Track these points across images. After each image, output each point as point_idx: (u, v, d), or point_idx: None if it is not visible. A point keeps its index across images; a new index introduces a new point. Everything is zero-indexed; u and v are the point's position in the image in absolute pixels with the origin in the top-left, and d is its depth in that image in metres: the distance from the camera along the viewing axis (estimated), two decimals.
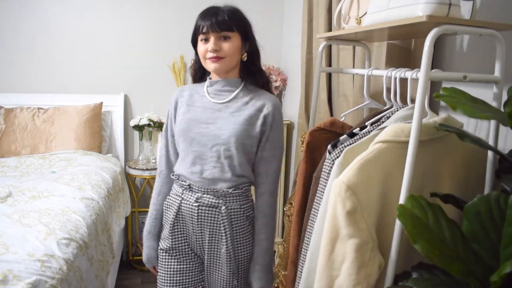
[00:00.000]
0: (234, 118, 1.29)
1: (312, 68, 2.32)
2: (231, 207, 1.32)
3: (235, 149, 1.27)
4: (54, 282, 1.31)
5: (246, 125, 1.28)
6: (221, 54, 1.25)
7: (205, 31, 1.25)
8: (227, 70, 1.31)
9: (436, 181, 1.09)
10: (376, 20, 1.18)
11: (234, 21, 1.26)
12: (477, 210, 0.76)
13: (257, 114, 1.30)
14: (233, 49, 1.27)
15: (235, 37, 1.27)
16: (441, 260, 0.73)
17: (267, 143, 1.32)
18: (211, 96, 1.34)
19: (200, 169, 1.30)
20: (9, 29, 2.79)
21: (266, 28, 3.05)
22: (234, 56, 1.28)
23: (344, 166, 1.04)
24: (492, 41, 1.03)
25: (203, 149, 1.30)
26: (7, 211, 1.70)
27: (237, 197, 1.33)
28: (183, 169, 1.34)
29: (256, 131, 1.30)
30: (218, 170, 1.29)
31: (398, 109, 1.25)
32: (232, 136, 1.26)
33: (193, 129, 1.31)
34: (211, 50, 1.25)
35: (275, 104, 1.32)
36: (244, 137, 1.28)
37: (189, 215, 1.34)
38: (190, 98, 1.37)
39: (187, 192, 1.33)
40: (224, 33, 1.24)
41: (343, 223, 0.96)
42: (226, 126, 1.28)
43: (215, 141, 1.28)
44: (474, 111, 0.75)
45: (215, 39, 1.25)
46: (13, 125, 2.63)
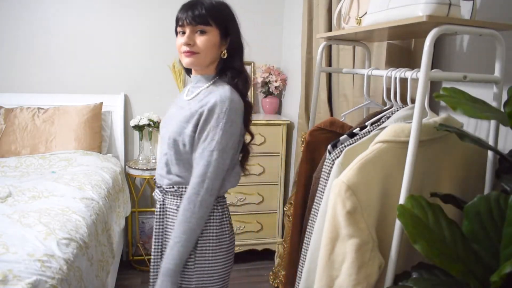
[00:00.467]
0: (179, 115, 1.24)
1: (312, 68, 2.32)
2: (168, 205, 1.29)
3: (169, 146, 1.23)
4: (54, 282, 1.31)
5: (183, 122, 1.20)
6: (195, 49, 1.19)
7: (181, 23, 1.20)
8: (202, 66, 1.23)
9: (436, 181, 1.09)
10: (376, 20, 1.18)
11: (212, 15, 1.18)
12: (477, 210, 0.76)
13: (198, 110, 1.19)
14: (208, 44, 1.18)
15: (212, 31, 1.19)
16: (441, 260, 0.73)
17: (200, 142, 1.17)
18: (186, 93, 1.32)
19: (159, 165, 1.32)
20: (9, 29, 2.79)
21: (266, 28, 3.05)
22: (210, 52, 1.20)
23: (344, 166, 1.04)
24: (492, 41, 1.03)
25: (164, 146, 1.29)
26: (7, 211, 1.70)
27: (174, 197, 1.26)
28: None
29: (190, 129, 1.18)
30: (160, 168, 1.30)
31: (398, 109, 1.25)
32: (169, 133, 1.23)
33: (162, 127, 1.33)
34: (184, 43, 1.19)
35: (220, 99, 1.15)
36: (177, 134, 1.20)
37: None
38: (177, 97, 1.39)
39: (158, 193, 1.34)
40: (200, 26, 1.18)
41: (343, 223, 0.96)
42: (172, 122, 1.25)
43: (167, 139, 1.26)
44: (474, 111, 0.75)
45: (190, 33, 1.19)
46: (13, 125, 2.63)
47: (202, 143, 1.17)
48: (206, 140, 1.16)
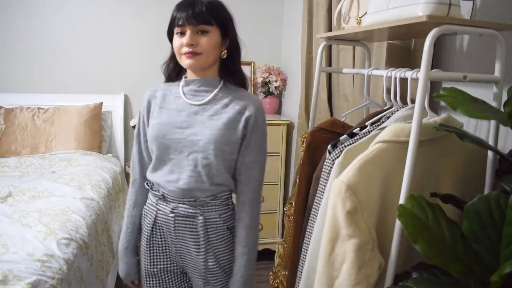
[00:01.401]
0: (213, 122, 1.17)
1: (312, 68, 2.32)
2: (209, 217, 1.22)
3: (214, 156, 1.15)
4: (54, 282, 1.31)
5: (226, 130, 1.16)
6: (198, 49, 1.13)
7: (181, 23, 1.13)
8: (204, 67, 1.19)
9: (436, 181, 1.09)
10: (376, 20, 1.18)
11: (213, 14, 1.14)
12: (477, 210, 0.76)
13: (237, 117, 1.18)
14: (211, 44, 1.14)
15: (213, 31, 1.14)
16: (441, 260, 0.73)
17: (249, 148, 1.19)
18: (187, 97, 1.22)
19: (176, 178, 1.19)
20: (9, 29, 2.79)
21: (266, 28, 3.05)
22: (212, 53, 1.16)
23: (344, 166, 1.04)
24: (492, 41, 1.03)
25: (180, 156, 1.18)
26: (7, 211, 1.70)
27: (215, 206, 1.22)
28: (158, 178, 1.23)
29: (237, 136, 1.18)
30: (194, 180, 1.18)
31: (398, 109, 1.25)
32: (211, 142, 1.15)
33: (168, 135, 1.19)
34: (186, 44, 1.13)
35: (257, 106, 1.20)
36: (223, 143, 1.16)
37: (166, 226, 1.24)
38: (163, 100, 1.26)
39: (162, 202, 1.24)
40: (202, 26, 1.13)
41: (343, 223, 0.96)
42: (203, 131, 1.16)
43: (192, 148, 1.16)
44: (474, 111, 0.75)
45: (191, 33, 1.13)
46: (13, 125, 2.63)
47: (253, 147, 1.20)
48: (256, 144, 1.20)
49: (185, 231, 1.22)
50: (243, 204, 1.22)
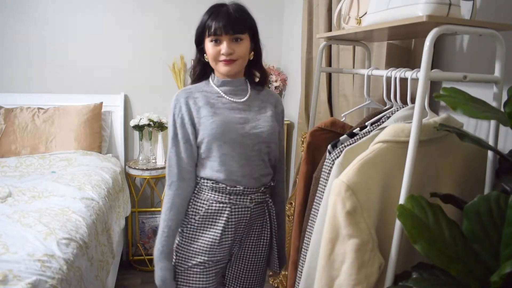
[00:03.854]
0: (264, 116, 1.32)
1: (312, 68, 2.32)
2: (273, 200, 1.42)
3: (274, 144, 1.34)
4: (54, 282, 1.31)
5: (274, 121, 1.34)
6: (234, 57, 1.23)
7: (218, 33, 1.20)
8: (238, 71, 1.30)
9: (436, 181, 1.09)
10: (376, 20, 1.18)
11: (245, 22, 1.25)
12: (477, 210, 0.76)
13: (276, 110, 1.38)
14: (246, 51, 1.26)
15: (246, 38, 1.25)
16: (441, 260, 0.73)
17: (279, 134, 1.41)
18: (229, 96, 1.31)
19: (249, 170, 1.29)
20: (9, 29, 2.79)
21: (266, 28, 3.04)
22: (246, 58, 1.28)
23: (344, 166, 1.04)
24: (492, 41, 1.03)
25: (246, 150, 1.28)
26: (7, 211, 1.70)
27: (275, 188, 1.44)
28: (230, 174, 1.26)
29: (278, 126, 1.39)
30: (261, 167, 1.33)
31: (398, 109, 1.25)
32: (272, 133, 1.31)
33: (231, 131, 1.25)
34: (225, 53, 1.21)
35: (281, 101, 1.44)
36: (277, 132, 1.36)
37: (241, 220, 1.31)
38: (207, 100, 1.28)
39: (239, 197, 1.29)
40: (237, 35, 1.23)
41: (343, 223, 0.96)
42: (262, 124, 1.30)
43: (256, 140, 1.28)
44: (474, 111, 0.75)
45: (228, 42, 1.21)
46: (13, 125, 2.63)
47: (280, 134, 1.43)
48: (281, 133, 1.44)
49: (259, 216, 1.37)
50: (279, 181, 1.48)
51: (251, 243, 1.39)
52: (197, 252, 1.30)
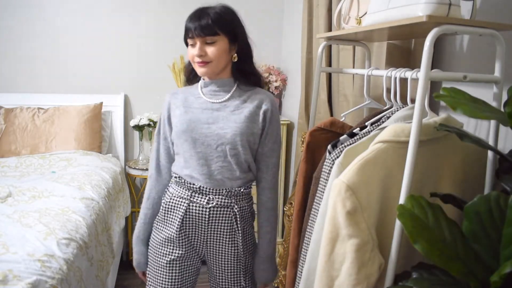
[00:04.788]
0: (235, 117, 1.29)
1: (312, 68, 2.32)
2: (241, 206, 1.36)
3: (241, 146, 1.28)
4: (54, 282, 1.31)
5: (248, 122, 1.29)
6: (207, 59, 1.25)
7: (190, 35, 1.25)
8: (216, 73, 1.30)
9: (436, 181, 1.09)
10: (376, 20, 1.18)
11: (219, 24, 1.23)
12: (477, 210, 0.76)
13: (256, 110, 1.31)
14: (219, 53, 1.25)
15: (220, 40, 1.25)
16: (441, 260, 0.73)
17: (267, 138, 1.34)
18: (207, 97, 1.33)
19: (208, 170, 1.30)
20: (9, 30, 2.79)
21: (266, 28, 3.05)
22: (221, 59, 1.27)
23: (344, 166, 1.04)
24: (492, 41, 1.03)
25: (207, 149, 1.29)
26: (7, 211, 1.70)
27: (246, 195, 1.37)
28: (190, 171, 1.32)
29: (258, 128, 1.31)
30: (226, 170, 1.30)
31: (398, 109, 1.25)
32: (237, 134, 1.27)
33: (195, 130, 1.29)
34: (196, 55, 1.25)
35: (272, 100, 1.35)
36: (248, 134, 1.29)
37: (198, 218, 1.32)
38: (185, 100, 1.36)
39: (197, 195, 1.32)
40: (209, 38, 1.23)
41: (343, 223, 0.96)
42: (228, 124, 1.28)
43: (219, 141, 1.27)
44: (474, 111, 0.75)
45: (200, 44, 1.24)
46: (13, 125, 2.63)
47: (270, 137, 1.34)
48: (273, 135, 1.35)
49: (220, 220, 1.33)
50: (265, 189, 1.39)
51: (221, 249, 1.36)
52: (162, 243, 1.37)
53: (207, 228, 1.33)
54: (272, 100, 1.35)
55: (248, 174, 1.36)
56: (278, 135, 1.38)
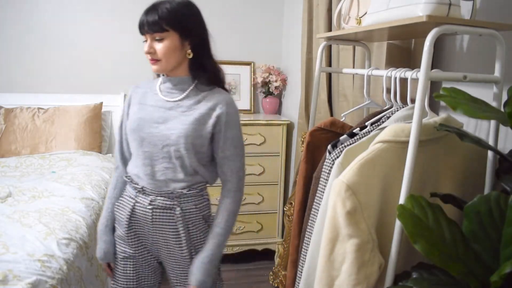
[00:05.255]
0: (185, 118, 1.24)
1: (312, 68, 2.32)
2: (186, 208, 1.27)
3: (185, 149, 1.22)
4: (54, 282, 1.31)
5: (197, 124, 1.23)
6: (155, 56, 1.21)
7: (140, 31, 1.22)
8: (168, 70, 1.25)
9: (436, 181, 1.09)
10: (376, 20, 1.18)
11: (167, 20, 1.17)
12: (477, 210, 0.76)
13: (209, 113, 1.24)
14: (167, 50, 1.19)
15: (169, 37, 1.19)
16: (441, 260, 0.73)
17: (227, 143, 1.26)
18: (163, 94, 1.29)
19: (152, 171, 1.26)
20: (9, 29, 2.79)
21: (266, 28, 3.05)
22: (171, 57, 1.21)
23: (344, 166, 1.04)
24: (492, 41, 1.03)
25: (154, 149, 1.25)
26: (7, 211, 1.70)
27: (191, 197, 1.28)
28: (136, 170, 1.29)
29: (208, 131, 1.24)
30: (170, 171, 1.25)
31: (398, 109, 1.25)
32: (182, 136, 1.21)
33: (144, 129, 1.25)
34: (145, 52, 1.22)
35: (228, 102, 1.26)
36: (194, 137, 1.22)
37: (143, 218, 1.28)
38: (143, 96, 1.32)
39: (141, 195, 1.28)
40: (157, 34, 1.18)
41: (343, 223, 0.96)
42: (176, 125, 1.23)
43: (165, 142, 1.23)
44: (474, 111, 0.75)
45: (150, 41, 1.20)
46: (13, 125, 2.63)
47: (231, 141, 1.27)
48: (234, 139, 1.27)
49: (164, 222, 1.27)
50: (229, 191, 1.30)
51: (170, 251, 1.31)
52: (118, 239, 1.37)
53: (152, 229, 1.29)
54: (229, 102, 1.26)
55: (195, 177, 1.29)
56: (239, 138, 1.29)
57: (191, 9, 1.24)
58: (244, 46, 3.01)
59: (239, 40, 2.99)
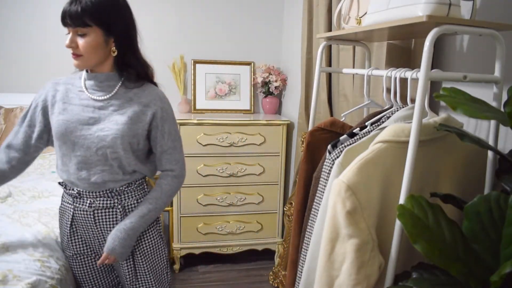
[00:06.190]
0: (118, 117, 1.19)
1: (312, 68, 2.32)
2: (127, 204, 1.27)
3: (123, 150, 1.18)
4: (54, 282, 1.31)
5: (131, 124, 1.19)
6: (78, 51, 1.14)
7: (62, 23, 1.15)
8: (91, 67, 1.19)
9: (436, 181, 1.09)
10: (376, 20, 1.18)
11: (90, 15, 1.10)
12: (477, 210, 0.76)
13: (144, 110, 1.21)
14: (89, 46, 1.13)
15: (93, 32, 1.13)
16: (441, 260, 0.73)
17: (165, 137, 1.25)
18: (89, 92, 1.22)
19: (87, 174, 1.21)
20: (9, 29, 2.79)
21: (266, 28, 3.05)
22: (93, 54, 1.15)
23: (344, 166, 1.04)
24: (492, 41, 1.03)
25: (87, 153, 1.19)
26: (7, 211, 1.70)
27: (131, 192, 1.27)
28: (69, 175, 1.24)
29: (144, 129, 1.22)
30: (107, 173, 1.21)
31: (398, 109, 1.25)
32: (118, 137, 1.17)
33: (74, 132, 1.18)
34: (66, 46, 1.15)
35: (161, 98, 1.25)
36: (130, 137, 1.19)
37: (84, 222, 1.27)
38: (66, 95, 1.24)
39: (78, 200, 1.25)
40: (79, 29, 1.12)
41: (343, 223, 0.96)
42: (109, 126, 1.18)
43: (99, 144, 1.17)
44: (474, 111, 0.75)
45: (72, 35, 1.14)
46: (13, 125, 2.63)
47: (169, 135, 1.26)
48: (171, 133, 1.26)
49: (106, 222, 1.27)
50: (167, 176, 1.29)
51: None
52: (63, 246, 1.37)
53: (97, 230, 1.28)
54: (162, 97, 1.25)
55: (133, 174, 1.27)
56: (176, 131, 1.29)
57: (116, 4, 1.17)
58: (244, 46, 3.01)
59: (239, 40, 2.99)
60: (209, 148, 2.56)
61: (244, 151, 2.61)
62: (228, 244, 2.71)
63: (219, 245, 2.70)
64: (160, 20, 2.95)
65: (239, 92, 2.97)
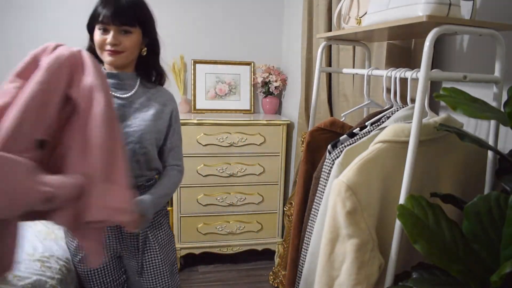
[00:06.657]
0: (143, 114, 1.25)
1: (312, 68, 2.32)
2: None
3: (150, 145, 1.25)
4: (54, 282, 1.31)
5: (155, 120, 1.27)
6: (120, 48, 1.19)
7: (105, 21, 1.17)
8: (124, 65, 1.25)
9: (436, 181, 1.09)
10: (376, 20, 1.18)
11: (136, 15, 1.19)
12: (477, 210, 0.76)
13: (163, 109, 1.30)
14: (133, 44, 1.20)
15: (136, 31, 1.20)
16: (441, 260, 0.73)
17: (174, 136, 1.35)
18: (112, 90, 1.25)
19: None
20: (8, 29, 2.79)
21: (266, 28, 3.05)
22: (133, 51, 1.22)
23: (344, 166, 1.04)
24: (492, 41, 1.03)
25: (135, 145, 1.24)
26: None
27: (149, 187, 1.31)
28: None
29: (164, 125, 1.30)
30: (135, 169, 1.25)
31: (398, 109, 1.25)
32: (146, 132, 1.23)
33: None
34: (110, 43, 1.18)
35: (173, 99, 1.36)
36: (155, 132, 1.27)
37: None
38: None
39: None
40: (125, 27, 1.17)
41: (343, 223, 0.96)
42: (137, 122, 1.24)
43: (128, 139, 1.22)
44: (474, 111, 0.75)
45: (115, 32, 1.17)
46: None
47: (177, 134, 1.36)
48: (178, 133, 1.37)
49: None
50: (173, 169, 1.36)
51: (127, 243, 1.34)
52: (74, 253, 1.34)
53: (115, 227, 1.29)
54: (173, 99, 1.36)
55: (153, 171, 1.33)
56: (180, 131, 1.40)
57: (149, 9, 1.29)
58: (244, 46, 3.01)
59: (239, 40, 2.99)
60: (209, 148, 2.56)
61: (244, 151, 2.61)
62: (228, 244, 2.71)
63: (219, 245, 2.70)
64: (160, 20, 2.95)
65: (239, 92, 2.97)
